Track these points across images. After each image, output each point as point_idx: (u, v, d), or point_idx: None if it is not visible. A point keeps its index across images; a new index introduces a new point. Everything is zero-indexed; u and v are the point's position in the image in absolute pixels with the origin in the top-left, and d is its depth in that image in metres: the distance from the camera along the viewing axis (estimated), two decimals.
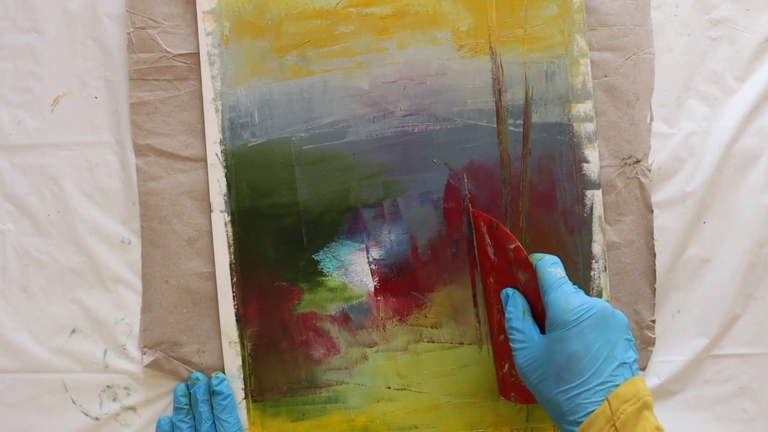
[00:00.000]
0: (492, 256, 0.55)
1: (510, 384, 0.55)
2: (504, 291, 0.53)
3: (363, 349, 0.57)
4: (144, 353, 0.57)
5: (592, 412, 0.46)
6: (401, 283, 0.57)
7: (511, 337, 0.51)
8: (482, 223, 0.55)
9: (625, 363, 0.47)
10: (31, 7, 0.59)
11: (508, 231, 0.53)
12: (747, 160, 0.59)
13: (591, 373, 0.46)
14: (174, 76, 0.58)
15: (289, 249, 0.57)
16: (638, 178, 0.58)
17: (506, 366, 0.55)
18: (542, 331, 0.50)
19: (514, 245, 0.52)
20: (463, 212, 0.57)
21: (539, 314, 0.51)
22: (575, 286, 0.49)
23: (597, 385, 0.46)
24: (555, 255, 0.51)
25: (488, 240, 0.55)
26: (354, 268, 0.57)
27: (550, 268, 0.50)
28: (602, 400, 0.46)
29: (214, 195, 0.57)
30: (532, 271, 0.51)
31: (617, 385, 0.46)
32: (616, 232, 0.58)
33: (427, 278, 0.57)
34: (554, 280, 0.49)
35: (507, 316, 0.51)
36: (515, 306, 0.51)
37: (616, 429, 0.45)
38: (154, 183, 0.58)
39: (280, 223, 0.57)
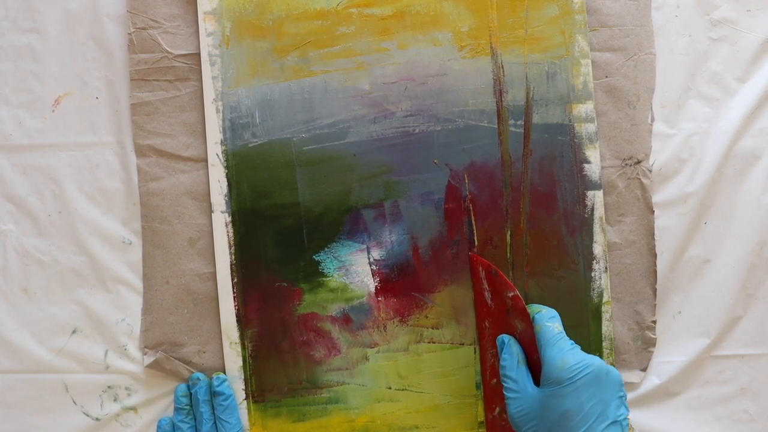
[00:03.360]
0: (489, 302, 0.55)
1: (500, 427, 0.55)
2: (500, 337, 0.53)
3: (364, 350, 0.57)
4: (145, 353, 0.57)
5: None
6: (402, 284, 0.57)
7: (504, 384, 0.51)
8: (481, 268, 0.55)
9: (617, 421, 0.48)
10: (31, 8, 0.59)
11: (507, 279, 0.53)
12: (748, 160, 0.59)
13: (582, 430, 0.47)
14: (175, 77, 0.58)
15: (290, 249, 0.57)
16: (639, 179, 0.58)
17: (497, 410, 0.55)
18: (536, 381, 0.50)
19: (512, 294, 0.52)
20: (464, 213, 0.57)
21: (534, 363, 0.51)
22: (572, 342, 0.50)
23: None
24: (555, 255, 0.52)
25: (486, 285, 0.55)
26: (355, 268, 0.57)
27: (548, 322, 0.51)
28: None
29: (214, 195, 0.57)
30: (529, 321, 0.51)
31: None
32: (616, 232, 0.58)
33: (428, 279, 0.57)
34: (552, 335, 0.50)
35: (502, 363, 0.52)
36: (510, 354, 0.52)
37: None
38: (155, 183, 0.58)
39: (281, 223, 0.57)
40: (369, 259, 0.57)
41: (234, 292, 0.57)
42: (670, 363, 0.58)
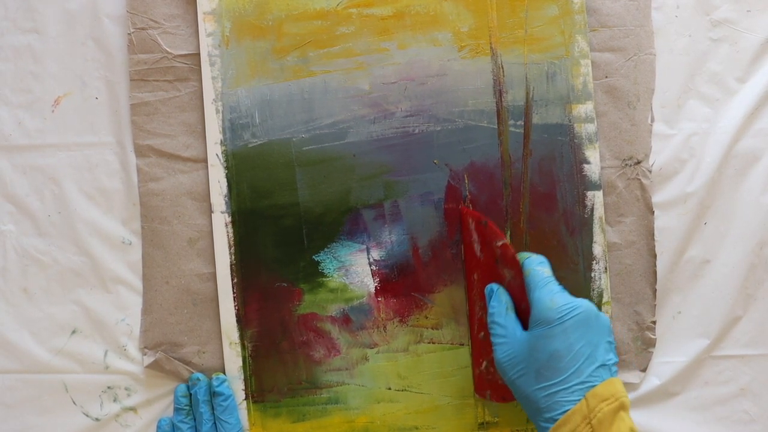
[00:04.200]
0: (478, 253, 0.55)
1: (486, 382, 0.55)
2: (488, 286, 0.53)
3: (363, 350, 0.57)
4: (144, 354, 0.57)
5: (568, 410, 0.46)
6: (402, 284, 0.57)
7: (492, 331, 0.51)
8: (471, 220, 0.55)
9: (605, 365, 0.48)
10: (31, 8, 0.59)
11: (497, 228, 0.53)
12: (747, 160, 0.59)
13: (571, 372, 0.47)
14: (174, 77, 0.57)
15: (290, 250, 0.57)
16: (639, 179, 0.58)
17: (484, 363, 0.55)
18: (525, 329, 0.50)
19: (501, 242, 0.52)
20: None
21: (522, 312, 0.51)
22: (561, 286, 0.50)
23: (576, 384, 0.47)
24: (555, 255, 0.52)
25: (475, 237, 0.55)
26: (354, 268, 0.57)
27: (537, 266, 0.50)
28: (579, 399, 0.46)
29: (214, 196, 0.57)
30: (518, 268, 0.51)
31: (595, 385, 0.46)
32: (616, 232, 0.58)
33: (428, 279, 0.57)
34: (541, 278, 0.50)
35: (490, 311, 0.52)
36: (499, 302, 0.52)
37: (591, 427, 0.45)
38: (155, 184, 0.58)
39: (281, 223, 0.57)
40: (369, 259, 0.57)
41: (234, 293, 0.57)
42: (669, 363, 0.58)
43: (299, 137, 0.57)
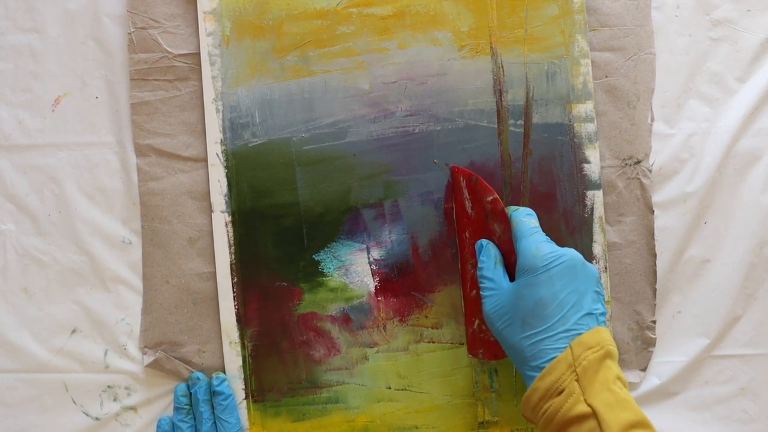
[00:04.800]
0: (469, 211, 0.55)
1: (479, 340, 0.55)
2: (479, 242, 0.53)
3: (363, 350, 0.57)
4: (144, 353, 0.58)
5: (554, 357, 0.46)
6: (402, 284, 0.57)
7: (481, 285, 0.51)
8: (462, 178, 0.56)
9: (592, 313, 0.47)
10: (31, 8, 0.59)
11: (487, 184, 0.53)
12: (747, 160, 0.59)
13: (556, 319, 0.47)
14: (175, 77, 0.58)
15: (290, 249, 0.57)
16: (639, 179, 0.58)
17: (476, 322, 0.55)
18: (513, 281, 0.50)
19: (491, 197, 0.53)
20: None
21: (512, 266, 0.51)
22: (547, 237, 0.50)
23: (561, 332, 0.46)
24: None
25: (466, 194, 0.55)
26: (354, 268, 0.57)
27: (524, 217, 0.51)
28: (565, 347, 0.46)
29: (214, 195, 0.57)
30: (507, 222, 0.51)
31: (581, 333, 0.46)
32: (616, 232, 0.58)
33: (428, 278, 0.57)
34: (527, 228, 0.50)
35: (479, 265, 0.52)
36: (488, 256, 0.52)
37: (576, 375, 0.45)
38: (155, 183, 0.58)
39: (281, 223, 0.57)
40: (369, 258, 0.57)
41: (234, 292, 0.57)
42: (669, 363, 0.58)
43: (299, 137, 0.57)
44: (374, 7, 0.57)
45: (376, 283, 0.57)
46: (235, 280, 0.57)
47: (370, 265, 0.57)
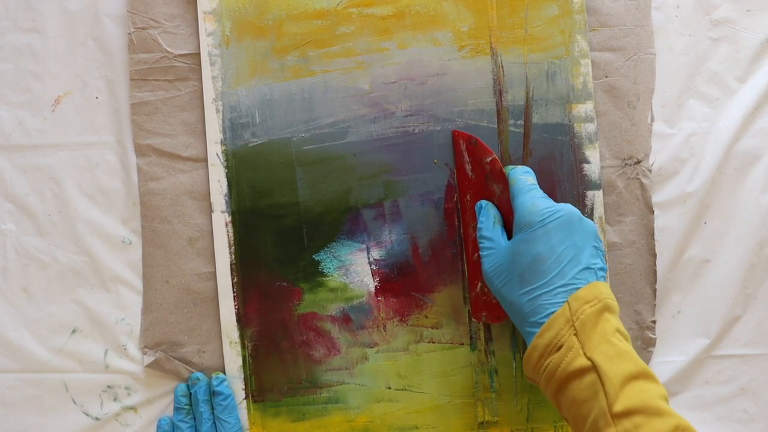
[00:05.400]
0: (470, 173, 0.55)
1: (482, 303, 0.56)
2: (478, 203, 0.54)
3: (363, 350, 0.57)
4: (144, 353, 0.58)
5: (553, 312, 0.45)
6: (402, 284, 0.57)
7: (480, 245, 0.51)
8: (462, 141, 0.56)
9: (590, 268, 0.47)
10: (31, 8, 0.59)
11: (486, 146, 0.54)
12: (747, 160, 0.59)
13: (554, 274, 0.46)
14: (175, 77, 0.58)
15: (290, 249, 0.57)
16: (639, 179, 0.58)
17: (479, 285, 0.56)
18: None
19: (490, 158, 0.53)
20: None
21: (511, 225, 0.51)
22: (545, 194, 0.50)
23: (559, 287, 0.46)
24: None
25: (467, 157, 0.55)
26: (354, 268, 0.57)
27: (521, 175, 0.51)
28: (564, 302, 0.46)
29: (214, 195, 0.57)
30: (506, 182, 0.52)
31: (579, 288, 0.46)
32: (616, 232, 0.58)
33: (428, 278, 0.57)
34: (525, 185, 0.50)
35: (479, 226, 0.52)
36: (486, 216, 0.52)
37: (575, 329, 0.44)
38: (155, 183, 0.58)
39: (281, 223, 0.57)
40: (369, 258, 0.57)
41: (234, 292, 0.57)
42: (670, 363, 0.58)
43: (299, 137, 0.57)
44: (374, 7, 0.57)
45: (376, 283, 0.57)
46: (235, 280, 0.57)
47: (370, 265, 0.57)
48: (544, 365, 0.45)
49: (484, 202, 0.53)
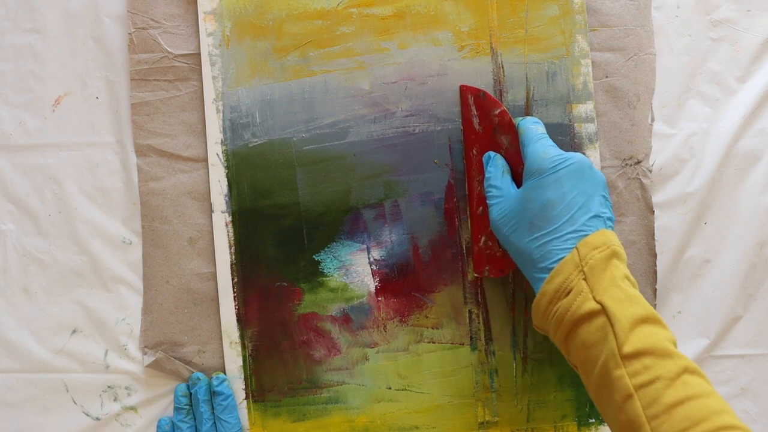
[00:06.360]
0: (477, 127, 0.55)
1: (484, 257, 0.56)
2: (486, 154, 0.54)
3: (364, 350, 0.57)
4: (145, 353, 0.58)
5: (562, 258, 0.46)
6: (402, 284, 0.57)
7: (488, 195, 0.52)
8: (469, 95, 0.56)
9: (600, 216, 0.47)
10: (32, 8, 0.59)
11: (495, 98, 0.54)
12: (748, 160, 0.59)
13: (564, 220, 0.46)
14: (175, 77, 0.58)
15: (290, 249, 0.57)
16: (639, 179, 0.58)
17: (482, 239, 0.56)
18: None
19: (499, 110, 0.54)
20: (464, 213, 0.57)
21: (519, 176, 0.52)
22: (555, 143, 0.50)
23: (569, 233, 0.46)
24: None
25: (474, 111, 0.55)
26: (355, 268, 0.57)
27: (532, 125, 0.51)
28: (573, 248, 0.46)
29: (215, 195, 0.57)
30: (515, 133, 0.52)
31: (588, 234, 0.46)
32: (616, 232, 0.58)
33: (428, 279, 0.57)
34: (535, 134, 0.50)
35: (486, 176, 0.52)
36: (495, 166, 0.52)
37: (584, 274, 0.45)
38: (155, 183, 0.58)
39: (281, 223, 0.57)
40: (369, 258, 0.57)
41: (234, 292, 0.57)
42: None
43: (300, 137, 0.57)
44: (375, 8, 0.57)
45: (377, 284, 0.57)
46: (236, 280, 0.57)
47: (371, 266, 0.57)
48: (553, 311, 0.46)
49: (492, 153, 0.53)
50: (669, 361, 0.42)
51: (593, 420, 0.57)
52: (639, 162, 0.58)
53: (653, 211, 0.58)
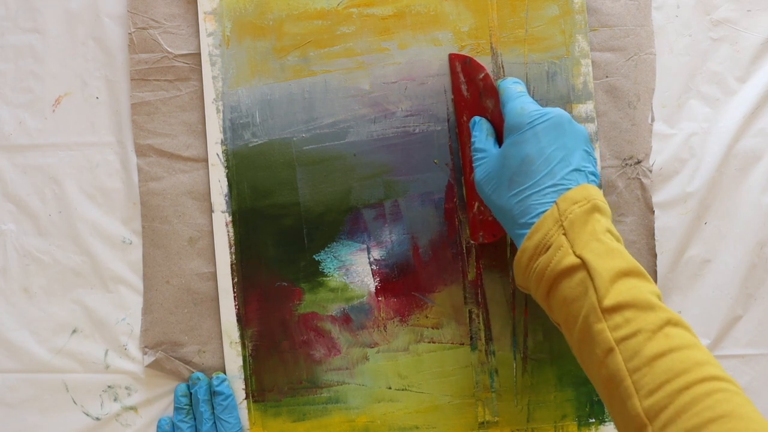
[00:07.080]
0: (465, 93, 0.56)
1: (478, 223, 0.56)
2: (472, 119, 0.54)
3: (364, 350, 0.57)
4: (145, 353, 0.58)
5: (542, 213, 0.45)
6: (402, 284, 0.57)
7: (474, 158, 0.52)
8: (457, 63, 0.56)
9: (581, 170, 0.46)
10: (32, 8, 0.59)
11: (479, 63, 0.55)
12: (748, 160, 0.59)
13: (543, 174, 0.46)
14: (175, 77, 0.58)
15: (290, 249, 0.57)
16: (639, 179, 0.58)
17: (476, 205, 0.55)
18: None
19: (483, 74, 0.54)
20: (464, 213, 0.57)
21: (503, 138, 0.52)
22: (534, 101, 0.50)
23: (548, 187, 0.46)
24: None
25: (462, 78, 0.56)
26: (355, 268, 0.57)
27: (511, 84, 0.51)
28: (553, 202, 0.45)
29: (215, 195, 0.57)
30: (497, 95, 0.52)
31: (569, 189, 0.45)
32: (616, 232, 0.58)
33: (428, 278, 0.57)
34: (514, 92, 0.50)
35: (472, 140, 0.53)
36: (480, 130, 0.53)
37: (563, 229, 0.44)
38: (155, 183, 0.58)
39: (281, 223, 0.57)
40: (369, 258, 0.57)
41: (234, 292, 0.57)
42: None
43: (300, 137, 0.57)
44: (375, 8, 0.57)
45: (377, 283, 0.57)
46: (236, 280, 0.57)
47: (371, 265, 0.57)
48: (534, 267, 0.45)
49: (477, 118, 0.54)
50: (651, 314, 0.41)
51: (593, 420, 0.57)
52: (639, 162, 0.58)
53: (653, 211, 0.58)
